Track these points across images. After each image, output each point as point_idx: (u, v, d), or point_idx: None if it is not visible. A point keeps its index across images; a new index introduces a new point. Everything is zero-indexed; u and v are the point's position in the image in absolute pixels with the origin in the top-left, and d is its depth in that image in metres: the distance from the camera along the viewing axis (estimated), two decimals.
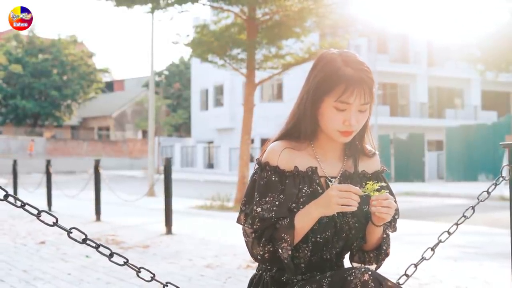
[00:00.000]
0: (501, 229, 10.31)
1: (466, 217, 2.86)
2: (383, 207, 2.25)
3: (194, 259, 6.82)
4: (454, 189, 23.51)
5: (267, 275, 2.41)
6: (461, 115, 45.12)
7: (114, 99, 69.86)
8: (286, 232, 2.27)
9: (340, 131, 2.33)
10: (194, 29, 16.20)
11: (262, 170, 2.38)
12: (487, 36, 20.63)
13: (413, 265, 2.78)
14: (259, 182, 2.35)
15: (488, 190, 2.90)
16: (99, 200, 11.61)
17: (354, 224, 2.37)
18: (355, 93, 2.28)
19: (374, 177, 2.47)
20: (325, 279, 2.23)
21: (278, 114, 41.33)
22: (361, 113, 2.33)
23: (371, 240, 2.42)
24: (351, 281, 2.13)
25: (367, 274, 2.13)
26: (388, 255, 2.48)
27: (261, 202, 2.32)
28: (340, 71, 2.30)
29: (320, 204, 2.26)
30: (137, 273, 2.49)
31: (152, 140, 21.39)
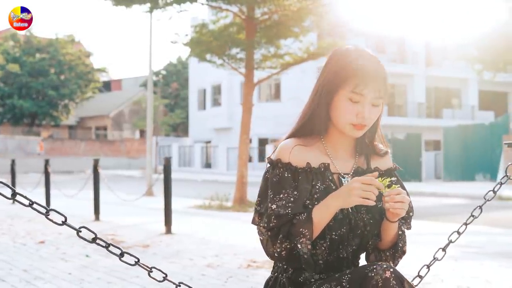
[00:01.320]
0: (501, 229, 10.34)
1: (474, 216, 2.85)
2: (396, 202, 2.24)
3: (195, 259, 6.82)
4: (452, 189, 23.52)
5: (283, 276, 2.38)
6: (458, 115, 45.14)
7: (111, 99, 69.81)
8: (304, 227, 2.25)
9: (353, 124, 2.32)
10: (193, 29, 16.19)
11: (274, 167, 2.36)
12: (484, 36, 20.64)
13: (425, 266, 2.77)
14: (272, 180, 2.34)
15: (494, 189, 2.90)
16: (98, 199, 11.59)
17: (368, 220, 2.35)
18: (369, 85, 2.30)
19: (387, 174, 2.46)
20: (344, 276, 2.19)
21: (276, 114, 41.33)
22: (374, 107, 2.34)
23: (387, 238, 2.40)
24: (372, 278, 2.10)
25: (388, 271, 2.10)
26: (404, 253, 2.45)
27: (275, 199, 2.30)
28: (354, 64, 2.31)
29: (339, 196, 2.25)
30: (148, 273, 2.47)
31: (150, 139, 21.37)
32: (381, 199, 2.30)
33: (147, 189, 19.15)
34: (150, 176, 20.13)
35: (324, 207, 2.27)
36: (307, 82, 40.21)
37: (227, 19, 16.36)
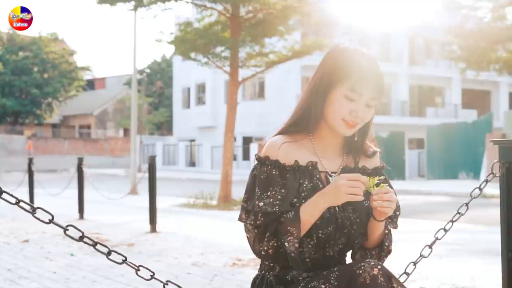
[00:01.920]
0: (484, 227, 10.40)
1: (460, 214, 2.88)
2: (384, 201, 2.25)
3: (180, 257, 6.81)
4: (435, 187, 23.64)
5: (270, 274, 2.37)
6: (441, 114, 45.35)
7: (95, 97, 69.53)
8: (292, 225, 2.25)
9: (345, 120, 2.33)
10: (178, 27, 16.14)
11: (262, 165, 2.36)
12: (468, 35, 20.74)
13: (412, 263, 2.79)
14: (260, 177, 2.34)
15: (480, 187, 2.92)
16: (82, 198, 11.55)
17: (355, 219, 2.36)
18: (367, 85, 2.31)
19: (374, 173, 2.47)
20: (332, 274, 2.20)
21: (261, 113, 41.33)
22: (368, 108, 2.35)
23: (373, 237, 2.41)
24: (360, 275, 2.10)
25: (376, 268, 2.11)
26: (390, 252, 2.46)
27: (262, 196, 2.30)
28: (356, 62, 2.33)
29: (327, 193, 2.25)
30: (136, 271, 2.47)
31: (134, 138, 21.31)
32: (369, 198, 2.31)
33: (132, 187, 19.13)
34: (135, 175, 20.07)
35: (312, 205, 2.27)
36: (292, 80, 40.27)
37: (212, 17, 16.33)
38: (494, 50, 21.10)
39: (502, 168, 2.95)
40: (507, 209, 2.93)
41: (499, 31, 20.40)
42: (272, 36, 15.82)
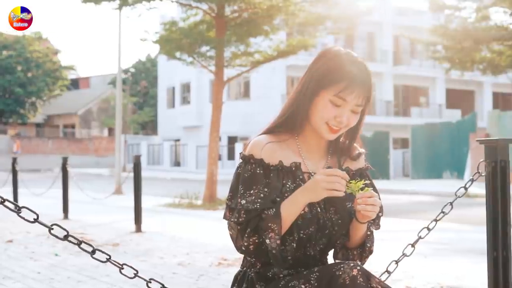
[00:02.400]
0: (469, 226, 10.44)
1: (444, 213, 2.89)
2: (367, 205, 2.26)
3: (165, 257, 6.79)
4: (420, 187, 23.73)
5: (251, 271, 2.39)
6: (426, 114, 45.53)
7: (79, 97, 69.21)
8: (273, 222, 2.25)
9: (329, 124, 2.33)
10: (163, 26, 16.10)
11: (246, 163, 2.36)
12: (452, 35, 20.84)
13: (394, 262, 2.79)
14: (244, 175, 2.35)
15: (465, 186, 2.93)
16: (66, 198, 11.48)
17: (337, 220, 2.37)
18: (355, 92, 2.31)
19: (358, 174, 2.48)
20: (313, 274, 2.21)
21: (246, 112, 41.33)
22: (353, 114, 2.36)
23: (355, 238, 2.42)
24: (340, 276, 2.12)
25: (355, 269, 2.12)
26: (371, 253, 2.48)
27: (245, 194, 2.31)
28: (346, 68, 2.32)
29: (307, 189, 2.26)
30: (120, 269, 2.46)
31: (119, 138, 21.23)
32: (352, 200, 2.32)
33: (116, 187, 19.06)
34: (119, 175, 19.98)
35: (292, 202, 2.28)
36: (277, 80, 40.30)
37: (197, 16, 16.30)
38: (478, 50, 21.20)
39: (488, 167, 2.96)
40: (493, 208, 2.94)
41: (483, 32, 20.49)
42: (257, 35, 15.82)
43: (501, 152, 2.96)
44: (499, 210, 2.93)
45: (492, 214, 2.95)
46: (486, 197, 2.98)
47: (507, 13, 20.57)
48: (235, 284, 2.43)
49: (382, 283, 2.17)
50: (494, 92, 49.45)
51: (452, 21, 21.88)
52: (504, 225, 2.93)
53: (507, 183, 2.94)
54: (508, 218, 2.93)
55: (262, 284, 2.33)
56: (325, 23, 16.39)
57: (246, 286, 2.36)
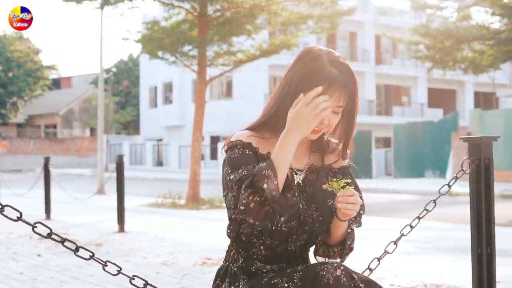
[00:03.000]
0: (451, 224, 10.50)
1: (427, 210, 2.89)
2: (348, 204, 2.26)
3: (149, 257, 6.77)
4: (402, 186, 23.80)
5: (234, 266, 2.38)
6: (408, 113, 45.75)
7: (61, 97, 68.80)
8: (266, 168, 2.21)
9: None
10: (145, 26, 16.04)
11: (233, 148, 2.35)
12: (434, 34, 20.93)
13: (376, 259, 2.80)
14: (230, 157, 2.33)
15: (449, 183, 2.94)
16: (49, 198, 11.42)
17: (318, 217, 2.37)
18: (335, 95, 2.29)
19: (340, 172, 2.48)
20: (296, 273, 2.20)
21: (228, 112, 41.30)
22: (335, 114, 2.34)
23: (336, 235, 2.42)
24: (324, 276, 2.12)
25: (339, 269, 2.12)
26: (352, 250, 2.49)
27: (234, 172, 2.28)
28: (325, 70, 2.30)
29: (294, 128, 2.23)
30: (103, 266, 2.44)
31: (101, 138, 21.15)
32: (333, 197, 2.33)
33: (99, 187, 18.98)
34: (101, 175, 19.91)
35: (282, 145, 2.24)
36: (259, 80, 40.31)
37: (179, 16, 16.26)
38: (459, 50, 21.30)
39: (472, 165, 2.98)
40: (477, 205, 2.96)
41: (464, 31, 20.60)
42: (240, 35, 15.80)
43: (485, 150, 2.98)
44: (483, 207, 2.95)
45: (476, 211, 2.96)
46: (470, 194, 2.99)
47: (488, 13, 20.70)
48: (218, 279, 2.42)
49: (365, 278, 2.18)
50: (476, 91, 49.77)
51: (434, 21, 21.99)
52: (488, 222, 2.95)
53: (491, 181, 2.96)
54: (492, 215, 2.95)
55: (245, 278, 2.33)
56: (307, 23, 16.41)
57: (229, 281, 2.36)
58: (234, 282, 2.35)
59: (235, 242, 2.41)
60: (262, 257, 2.38)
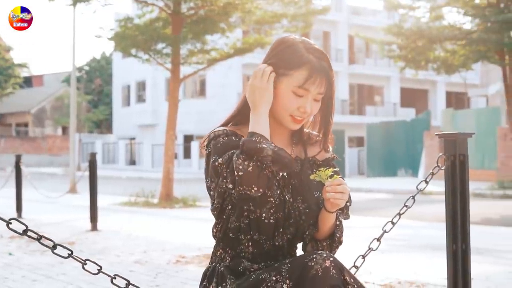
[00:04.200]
0: (424, 222, 10.56)
1: (408, 206, 2.90)
2: (337, 193, 2.23)
3: (122, 255, 6.71)
4: (375, 185, 23.93)
5: (221, 266, 2.35)
6: (381, 112, 46.00)
7: (32, 95, 68.15)
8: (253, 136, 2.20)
9: (292, 115, 2.31)
10: (118, 23, 15.92)
11: (216, 138, 2.32)
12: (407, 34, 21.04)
13: (361, 257, 2.79)
14: (216, 146, 2.29)
15: (426, 179, 2.94)
16: (20, 197, 11.30)
17: (304, 210, 2.34)
18: (317, 81, 2.29)
19: (325, 164, 2.46)
20: (284, 266, 2.17)
21: (201, 111, 41.21)
22: (315, 102, 2.34)
23: (324, 228, 2.39)
24: (312, 267, 2.08)
25: (328, 260, 2.09)
26: (341, 243, 2.46)
27: (223, 156, 2.24)
28: (304, 57, 2.30)
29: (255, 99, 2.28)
30: (82, 265, 2.40)
31: (73, 136, 20.97)
32: (319, 189, 2.31)
33: (71, 186, 18.82)
34: (74, 174, 19.75)
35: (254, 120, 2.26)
36: (233, 78, 40.27)
37: (153, 13, 16.17)
38: (432, 49, 21.43)
39: (447, 161, 2.97)
40: (452, 202, 2.96)
41: (437, 31, 20.72)
42: (214, 33, 15.77)
43: (460, 146, 2.98)
44: (458, 203, 2.95)
45: (451, 208, 2.96)
46: (445, 190, 2.99)
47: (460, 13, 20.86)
48: (205, 280, 2.38)
49: (354, 277, 2.15)
50: (448, 91, 50.19)
51: (407, 20, 22.10)
52: (463, 218, 2.95)
53: (466, 177, 2.96)
54: (467, 212, 2.95)
55: (232, 278, 2.29)
56: (281, 21, 16.43)
57: (216, 281, 2.32)
58: (222, 282, 2.31)
59: (222, 241, 2.38)
60: (249, 255, 2.34)
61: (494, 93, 29.62)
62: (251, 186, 2.16)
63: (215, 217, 2.38)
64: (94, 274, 2.41)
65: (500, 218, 12.18)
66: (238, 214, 2.30)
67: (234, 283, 2.26)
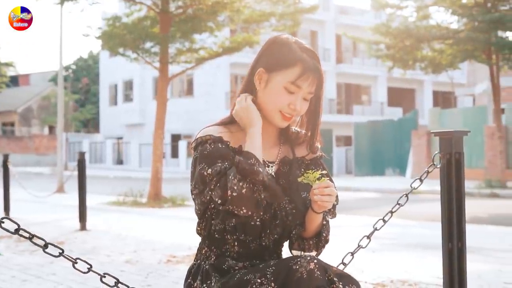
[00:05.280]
0: (413, 221, 10.58)
1: (400, 204, 2.88)
2: (324, 195, 2.23)
3: (112, 255, 6.68)
4: (363, 184, 23.95)
5: (206, 264, 2.34)
6: (368, 111, 46.08)
7: (19, 94, 67.79)
8: (249, 158, 2.21)
9: (282, 112, 2.31)
10: (106, 22, 15.84)
11: (203, 144, 2.30)
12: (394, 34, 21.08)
13: (350, 254, 2.78)
14: (203, 153, 2.28)
15: (421, 177, 2.93)
16: (8, 196, 11.23)
17: (291, 210, 2.34)
18: (309, 79, 2.30)
19: (313, 163, 2.46)
20: (269, 268, 2.16)
21: (189, 110, 41.11)
22: (305, 101, 2.35)
23: (311, 227, 2.39)
24: (297, 270, 2.08)
25: (312, 263, 2.09)
26: (328, 242, 2.46)
27: (212, 167, 2.23)
28: (297, 55, 2.31)
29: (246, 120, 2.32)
30: (73, 264, 2.38)
31: (60, 136, 20.87)
32: (307, 189, 2.31)
33: (58, 186, 18.72)
34: (61, 173, 19.65)
35: (248, 139, 2.29)
36: (220, 78, 40.20)
37: (141, 12, 16.11)
38: (419, 49, 21.49)
39: (443, 159, 2.97)
40: (448, 200, 2.95)
41: (424, 30, 20.77)
42: (202, 32, 15.72)
43: (456, 144, 2.98)
44: (454, 201, 2.94)
45: (447, 206, 2.95)
46: (441, 188, 2.98)
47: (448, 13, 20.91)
48: (190, 277, 2.38)
49: (339, 271, 2.15)
50: (434, 90, 50.35)
51: (394, 20, 22.13)
52: (459, 216, 2.94)
53: (461, 174, 2.96)
54: (463, 210, 2.95)
55: (216, 276, 2.28)
56: (269, 20, 16.42)
57: (200, 279, 2.31)
58: (206, 280, 2.30)
59: (207, 239, 2.37)
60: (235, 254, 2.34)
61: (481, 92, 29.72)
62: (241, 207, 2.19)
63: (198, 217, 2.37)
64: (84, 272, 2.39)
65: (488, 217, 12.22)
66: (222, 217, 2.30)
67: (219, 282, 2.25)
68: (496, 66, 19.86)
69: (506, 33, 20.55)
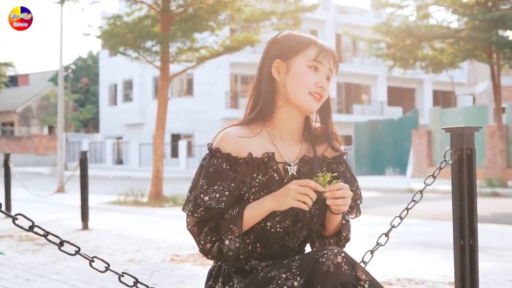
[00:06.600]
0: (416, 220, 10.55)
1: (415, 201, 2.87)
2: (337, 198, 2.19)
3: (116, 254, 6.64)
4: (363, 183, 23.87)
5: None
6: (368, 111, 46.08)
7: (18, 94, 67.77)
8: (234, 223, 2.18)
9: (312, 93, 2.28)
10: (106, 21, 15.81)
11: (212, 156, 2.27)
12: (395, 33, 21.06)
13: (369, 252, 2.77)
14: (208, 169, 2.25)
15: (434, 174, 2.91)
16: (9, 195, 11.20)
17: (315, 211, 2.30)
18: (328, 55, 2.31)
19: (334, 162, 2.42)
20: (294, 263, 2.13)
21: (189, 109, 41.09)
22: (327, 80, 2.32)
23: (330, 227, 2.37)
24: (324, 263, 2.04)
25: (340, 256, 2.05)
26: (348, 240, 2.44)
27: (208, 190, 2.22)
28: (308, 37, 2.35)
29: (276, 196, 2.19)
30: (90, 262, 2.36)
31: (61, 136, 20.84)
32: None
33: (59, 186, 18.69)
34: (62, 173, 19.62)
35: (259, 206, 2.21)
36: (220, 77, 40.19)
37: (142, 11, 16.09)
38: (420, 48, 21.48)
39: (454, 155, 2.94)
40: (459, 196, 2.92)
41: (425, 29, 20.77)
42: (203, 31, 15.70)
43: (467, 140, 2.96)
44: (465, 198, 2.91)
45: (458, 203, 2.92)
46: (452, 184, 2.96)
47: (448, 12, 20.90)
48: (210, 279, 2.34)
49: (367, 272, 2.11)
50: (434, 90, 50.36)
51: (394, 19, 22.12)
52: (470, 213, 2.91)
53: (473, 171, 2.93)
54: (474, 206, 2.92)
55: (239, 277, 2.25)
56: (270, 19, 16.39)
57: (222, 281, 2.28)
58: (228, 281, 2.26)
59: None
60: (257, 255, 2.30)
61: (481, 92, 29.72)
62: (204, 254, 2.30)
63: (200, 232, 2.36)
64: (102, 272, 2.36)
65: (490, 216, 12.20)
66: None
67: (241, 282, 2.22)
68: (496, 65, 19.85)
69: (506, 32, 20.55)
